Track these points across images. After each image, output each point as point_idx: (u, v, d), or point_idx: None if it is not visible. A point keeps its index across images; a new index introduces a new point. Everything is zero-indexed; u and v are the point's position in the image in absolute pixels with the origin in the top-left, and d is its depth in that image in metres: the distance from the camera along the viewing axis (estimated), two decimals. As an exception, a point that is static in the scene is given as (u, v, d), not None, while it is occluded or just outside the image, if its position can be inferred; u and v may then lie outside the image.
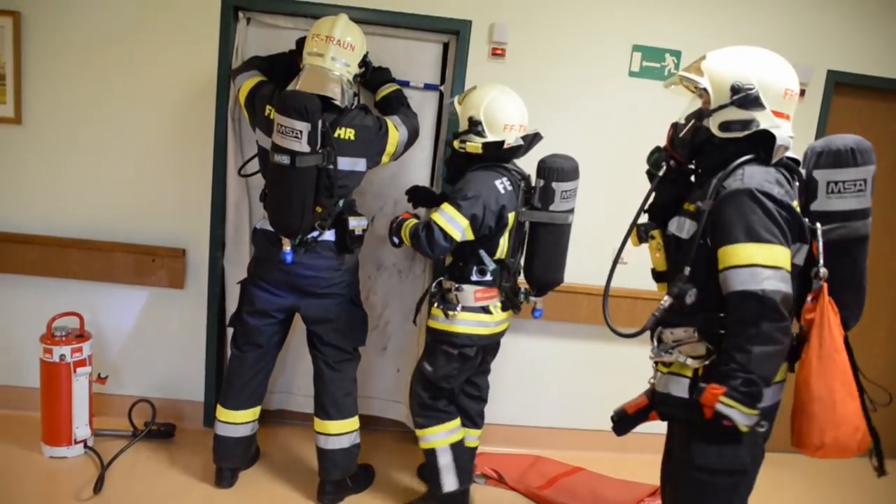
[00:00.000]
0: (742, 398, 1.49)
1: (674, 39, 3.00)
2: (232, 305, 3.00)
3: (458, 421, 2.58)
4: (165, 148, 2.94)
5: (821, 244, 1.62)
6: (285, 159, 2.24)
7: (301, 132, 2.20)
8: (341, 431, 2.61)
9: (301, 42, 2.50)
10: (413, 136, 2.65)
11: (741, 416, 1.49)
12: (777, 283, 1.48)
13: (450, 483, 2.52)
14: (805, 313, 1.66)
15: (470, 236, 2.35)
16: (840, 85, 3.13)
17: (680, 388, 1.67)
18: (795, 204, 1.61)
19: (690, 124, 1.73)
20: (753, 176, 1.57)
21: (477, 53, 2.93)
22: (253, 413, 2.67)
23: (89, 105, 2.88)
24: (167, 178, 2.96)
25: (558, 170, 2.36)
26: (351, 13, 2.58)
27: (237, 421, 2.62)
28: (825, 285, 1.61)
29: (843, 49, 3.09)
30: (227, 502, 2.60)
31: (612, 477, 3.06)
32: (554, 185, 2.37)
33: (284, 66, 2.59)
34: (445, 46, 2.98)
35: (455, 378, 2.50)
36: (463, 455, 2.56)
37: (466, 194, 2.32)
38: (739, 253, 1.51)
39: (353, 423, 2.65)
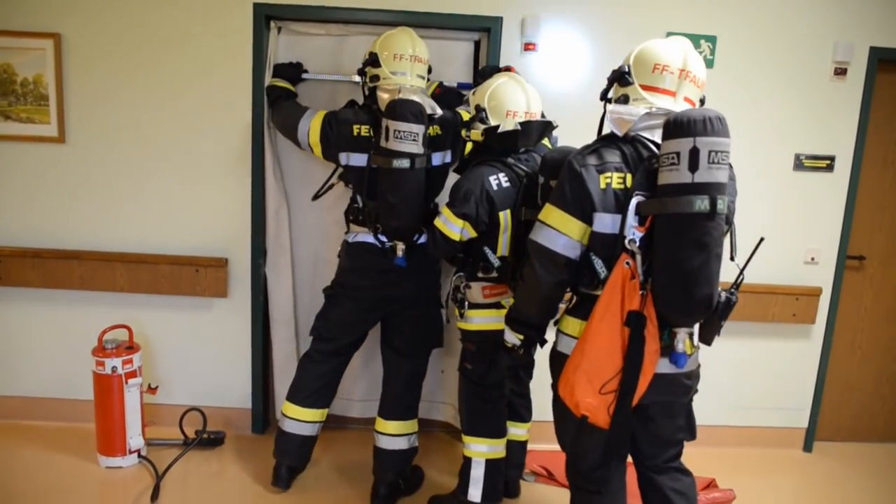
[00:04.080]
0: (507, 320, 2.00)
1: (709, 25, 2.94)
2: (275, 313, 3.05)
3: (502, 441, 2.51)
4: (204, 159, 2.98)
5: (630, 214, 1.66)
6: (405, 163, 2.32)
7: (418, 134, 2.32)
8: (401, 432, 2.63)
9: (293, 70, 2.80)
10: None
11: (506, 333, 2.01)
12: (538, 236, 1.80)
13: (474, 495, 2.48)
14: None
15: (472, 233, 2.30)
16: (883, 62, 3.04)
17: None
18: (615, 177, 1.69)
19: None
20: (577, 150, 1.81)
21: (509, 49, 2.91)
22: (321, 414, 2.69)
23: (129, 121, 2.94)
24: (206, 189, 3.00)
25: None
26: (380, 16, 2.59)
27: (305, 419, 2.65)
28: (623, 255, 1.66)
29: (885, 25, 2.99)
30: (280, 507, 2.63)
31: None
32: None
33: (293, 70, 2.84)
34: (477, 44, 2.98)
35: (489, 374, 2.44)
36: (495, 473, 2.50)
37: (458, 193, 2.28)
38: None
39: (412, 424, 2.68)
